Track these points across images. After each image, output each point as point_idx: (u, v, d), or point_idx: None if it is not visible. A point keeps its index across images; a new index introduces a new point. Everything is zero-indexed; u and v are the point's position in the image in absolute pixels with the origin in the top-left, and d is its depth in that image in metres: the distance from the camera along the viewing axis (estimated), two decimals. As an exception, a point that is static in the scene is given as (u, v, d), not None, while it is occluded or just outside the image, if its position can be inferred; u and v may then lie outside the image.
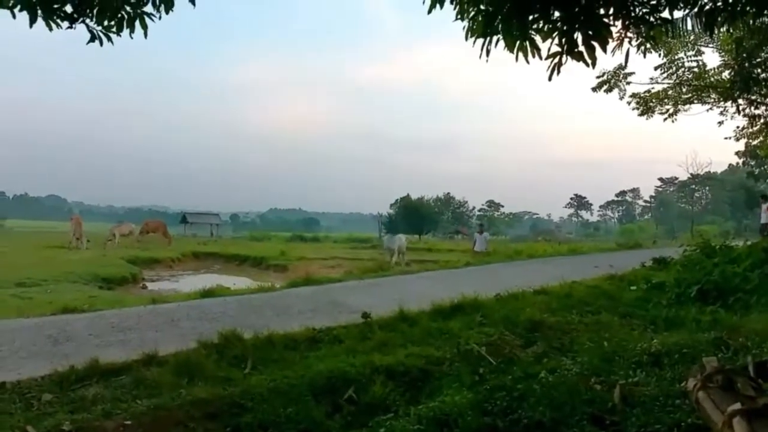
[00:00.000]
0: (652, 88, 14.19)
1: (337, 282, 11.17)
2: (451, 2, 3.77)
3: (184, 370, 4.81)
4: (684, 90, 14.10)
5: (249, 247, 32.27)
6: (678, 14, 4.29)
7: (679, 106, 14.46)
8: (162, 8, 3.98)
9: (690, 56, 13.17)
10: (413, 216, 67.04)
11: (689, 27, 5.36)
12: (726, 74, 13.16)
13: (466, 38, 3.77)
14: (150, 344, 5.60)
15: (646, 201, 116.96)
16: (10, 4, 3.45)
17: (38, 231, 61.28)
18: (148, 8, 3.93)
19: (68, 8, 3.73)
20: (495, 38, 3.62)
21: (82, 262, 19.17)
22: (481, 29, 3.63)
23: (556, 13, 3.53)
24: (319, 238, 54.53)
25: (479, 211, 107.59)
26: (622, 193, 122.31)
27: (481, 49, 3.65)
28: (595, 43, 3.40)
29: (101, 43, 3.92)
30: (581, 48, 3.41)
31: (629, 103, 14.38)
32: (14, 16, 3.60)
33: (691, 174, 58.36)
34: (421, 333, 6.16)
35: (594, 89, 13.80)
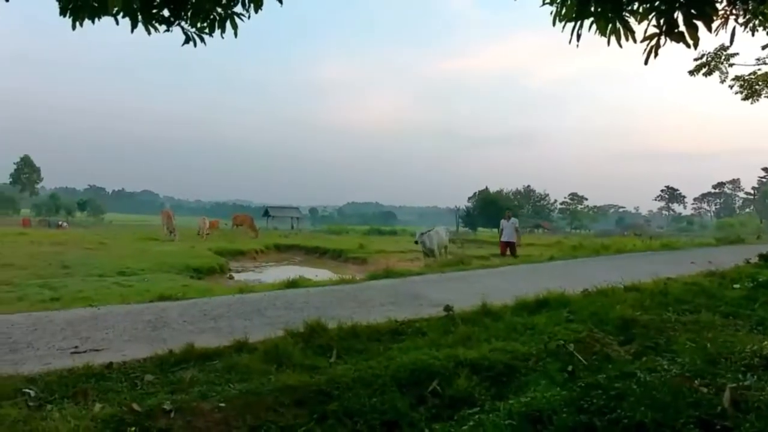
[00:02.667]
0: (759, 69, 13.02)
1: (417, 275, 11.16)
2: (540, -14, 3.63)
3: (273, 357, 4.95)
4: (797, 71, 12.86)
5: (328, 240, 33.01)
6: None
7: (791, 89, 13.20)
8: (251, 8, 4.12)
9: (804, 33, 11.97)
10: (491, 209, 66.10)
11: (805, 1, 4.86)
12: None
13: (554, 23, 3.62)
14: (239, 332, 5.82)
15: (747, 193, 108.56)
16: (114, 11, 3.67)
17: (134, 224, 65.82)
18: (238, 9, 4.08)
19: (165, 12, 3.93)
20: (586, 22, 3.45)
21: (173, 254, 20.30)
22: (572, 12, 3.47)
23: (654, -8, 3.30)
24: (397, 232, 54.81)
25: (561, 204, 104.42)
26: (720, 184, 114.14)
27: (571, 34, 3.49)
28: (698, 22, 3.15)
29: (195, 44, 4.10)
30: (682, 28, 3.17)
31: (731, 86, 13.29)
32: (117, 22, 3.83)
33: (803, 163, 53.27)
34: (505, 328, 6.01)
35: (691, 72, 12.84)
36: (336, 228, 61.28)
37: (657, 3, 3.26)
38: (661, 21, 3.22)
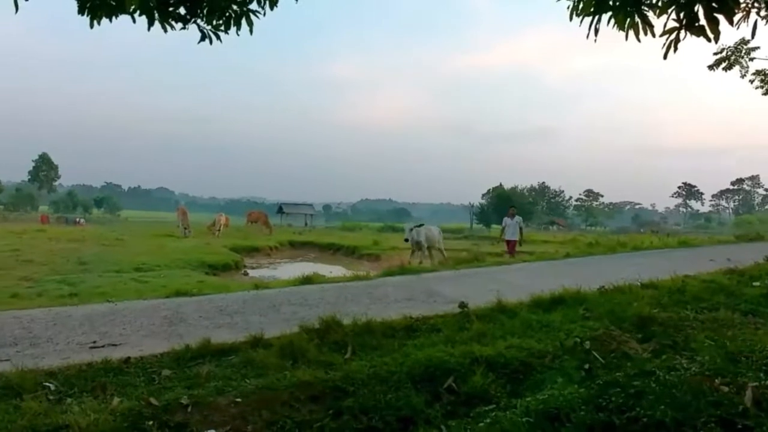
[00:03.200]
0: (781, 63, 12.77)
1: (431, 272, 11.12)
2: (557, -20, 3.60)
3: (288, 353, 4.95)
4: (820, 65, 12.58)
5: (342, 237, 33.04)
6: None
7: (813, 83, 12.92)
8: (266, 5, 4.12)
9: (827, 27, 11.68)
10: (506, 206, 65.73)
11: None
12: None
13: (571, 18, 3.58)
14: (255, 327, 5.84)
15: (767, 189, 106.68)
16: (131, 9, 3.70)
17: (149, 221, 66.52)
18: (253, 6, 4.08)
19: (181, 10, 3.95)
20: (605, 16, 3.41)
21: (188, 250, 20.45)
22: (591, 6, 3.43)
23: (674, -14, 3.25)
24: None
25: (576, 200, 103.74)
26: (739, 181, 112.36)
27: (589, 29, 3.45)
28: (719, 16, 3.09)
29: (210, 42, 4.12)
30: (702, 22, 3.11)
31: (752, 81, 13.04)
32: (134, 21, 3.86)
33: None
34: (520, 325, 5.97)
35: (711, 67, 12.62)
36: (350, 225, 61.40)
37: (677, -4, 3.21)
38: (681, 15, 3.17)
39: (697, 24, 3.12)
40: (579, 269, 11.50)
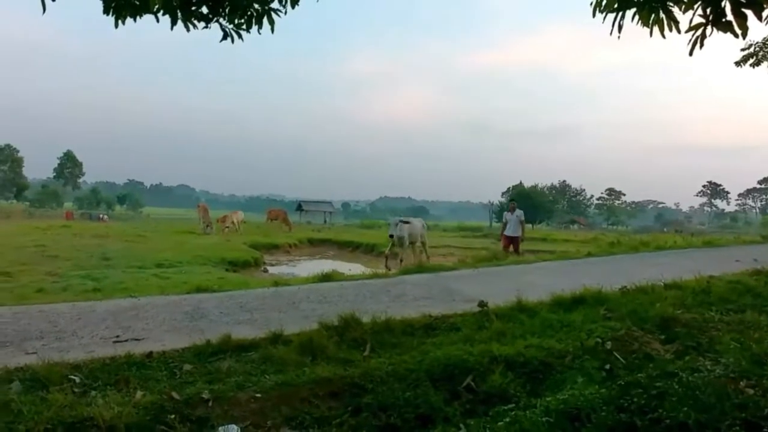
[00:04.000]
0: (810, 60, 12.42)
1: (451, 270, 11.08)
2: (579, -24, 3.56)
3: (308, 350, 4.97)
4: None
5: (360, 235, 33.06)
6: None
7: None
8: (288, 4, 4.14)
9: None
10: (526, 204, 65.31)
11: None
12: None
13: (594, 14, 3.53)
14: (275, 324, 5.87)
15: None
16: (155, 9, 3.75)
17: (170, 217, 67.42)
18: (275, 4, 4.11)
19: (204, 9, 4.00)
20: (629, 12, 3.36)
21: (209, 247, 20.63)
22: (615, 2, 3.38)
23: (701, -20, 3.19)
24: (429, 227, 54.50)
25: (597, 199, 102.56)
26: (766, 179, 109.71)
27: (612, 25, 3.40)
28: (747, 11, 3.02)
29: (233, 41, 4.17)
30: (730, 17, 3.05)
31: (781, 78, 12.74)
32: (158, 20, 3.91)
33: None
34: (540, 324, 5.92)
35: (738, 63, 12.35)
36: (368, 222, 61.35)
37: (704, -9, 3.14)
38: (708, 10, 3.11)
39: (724, 20, 3.05)
40: (600, 269, 11.36)
